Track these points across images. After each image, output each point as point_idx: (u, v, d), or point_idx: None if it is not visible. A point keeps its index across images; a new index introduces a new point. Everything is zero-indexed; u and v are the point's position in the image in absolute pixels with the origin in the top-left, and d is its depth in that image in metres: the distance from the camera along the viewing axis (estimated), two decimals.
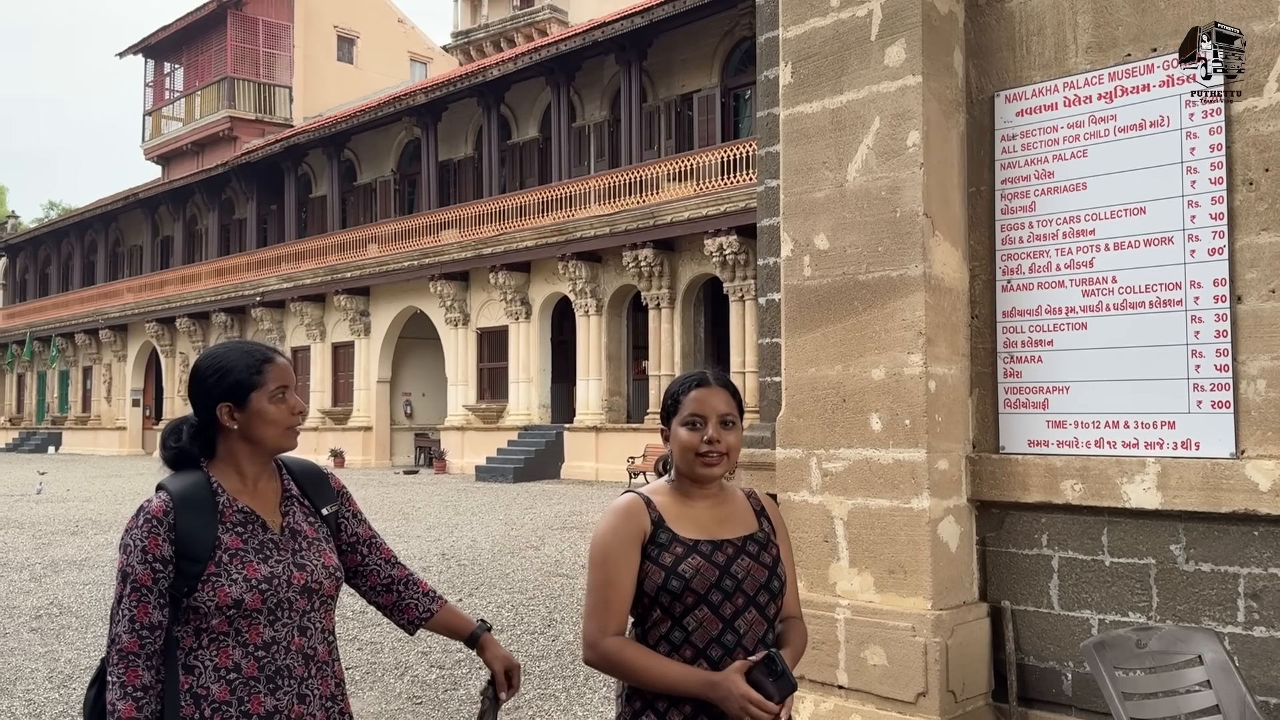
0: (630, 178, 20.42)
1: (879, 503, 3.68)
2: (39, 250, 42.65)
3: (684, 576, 2.01)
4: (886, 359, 3.69)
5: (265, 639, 1.95)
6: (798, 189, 3.94)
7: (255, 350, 2.07)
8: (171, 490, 1.96)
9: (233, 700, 1.91)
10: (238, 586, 1.92)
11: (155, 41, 35.51)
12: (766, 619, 2.06)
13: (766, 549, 2.11)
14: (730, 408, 2.11)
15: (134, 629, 1.88)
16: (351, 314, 26.60)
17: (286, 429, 2.04)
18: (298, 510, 2.10)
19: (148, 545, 1.90)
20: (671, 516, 2.09)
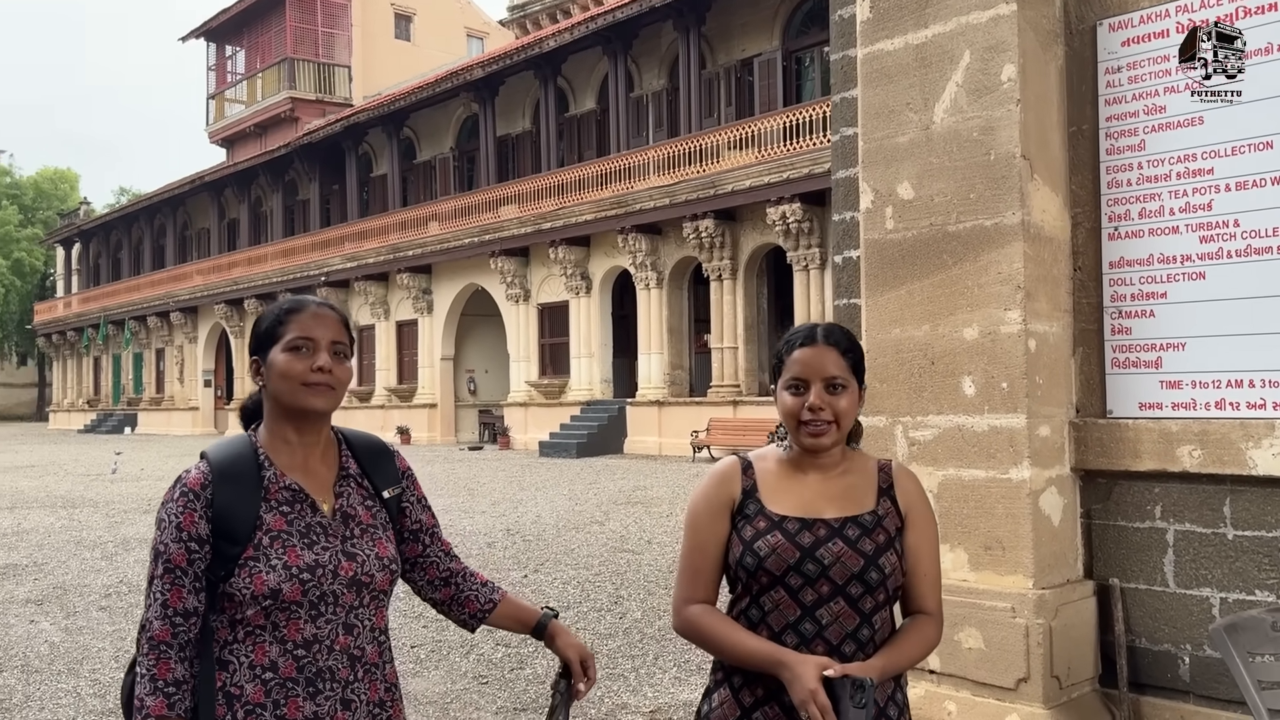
0: (690, 147, 20.06)
1: (973, 473, 3.39)
2: (110, 235, 43.59)
3: (758, 554, 1.84)
4: (980, 317, 3.39)
5: (306, 636, 1.73)
6: (878, 134, 3.64)
7: (289, 300, 1.86)
8: (212, 459, 1.76)
9: (267, 703, 1.70)
10: (276, 574, 1.70)
11: (216, 25, 35.90)
12: (859, 613, 1.83)
13: (871, 534, 1.85)
14: (841, 369, 1.87)
15: (166, 615, 1.68)
16: (414, 292, 26.69)
17: (302, 385, 1.76)
18: (354, 492, 1.86)
19: (183, 522, 1.70)
20: (769, 486, 1.91)
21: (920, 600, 1.93)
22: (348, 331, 1.86)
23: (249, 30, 35.77)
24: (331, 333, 1.81)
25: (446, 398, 26.78)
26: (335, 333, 1.82)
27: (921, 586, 1.92)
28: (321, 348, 1.79)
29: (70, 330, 44.35)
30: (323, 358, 1.78)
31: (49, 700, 4.82)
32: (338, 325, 1.83)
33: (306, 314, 1.81)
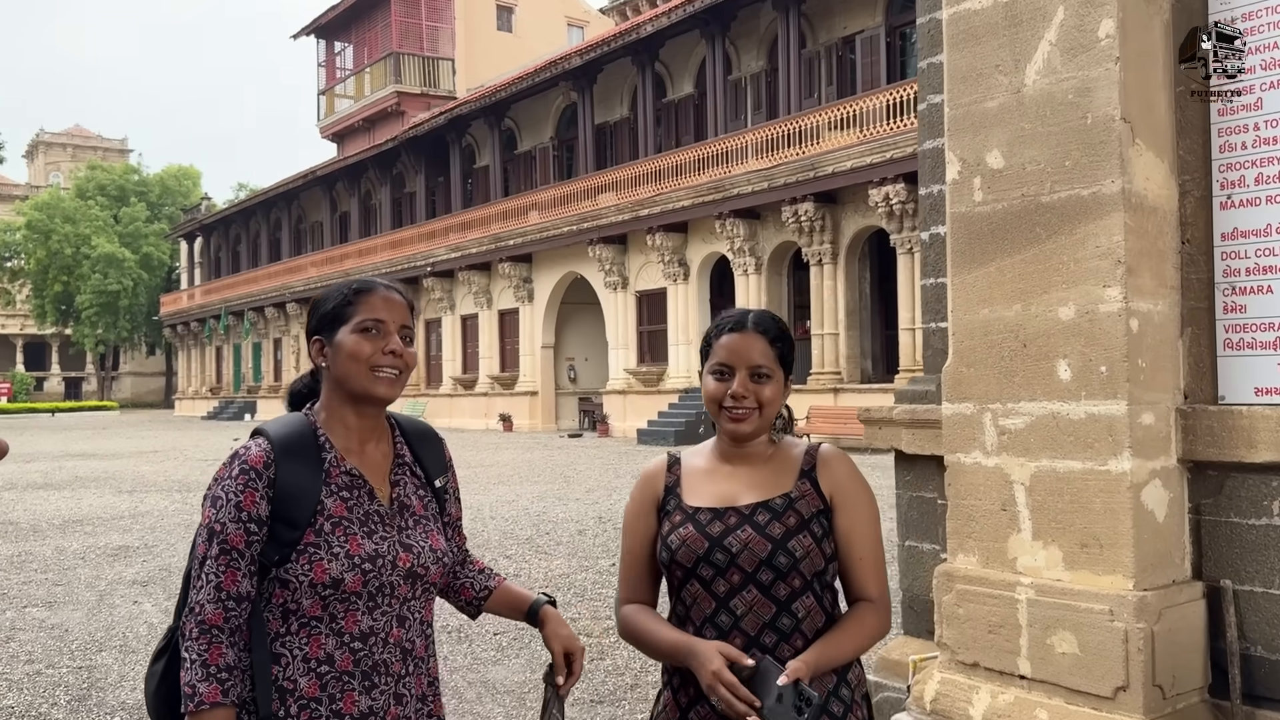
0: (789, 128, 19.69)
1: (1069, 465, 3.14)
2: (230, 229, 45.32)
3: (670, 547, 1.83)
4: (1077, 294, 3.13)
5: (363, 628, 1.66)
6: (965, 99, 3.39)
7: (356, 280, 1.79)
8: (274, 438, 1.67)
9: (323, 697, 1.63)
10: (339, 563, 1.63)
11: (325, 21, 36.87)
12: (774, 600, 1.78)
13: (781, 517, 1.81)
14: (767, 358, 1.85)
15: (220, 598, 1.60)
16: (515, 281, 26.97)
17: (371, 369, 1.69)
18: (409, 481, 1.80)
19: (243, 501, 1.62)
20: (693, 480, 1.90)
21: (859, 587, 1.87)
22: (412, 315, 1.81)
23: (356, 26, 36.63)
24: (400, 317, 1.76)
25: (547, 385, 27.00)
26: (403, 316, 1.76)
27: (858, 571, 1.86)
28: (392, 330, 1.73)
29: (194, 321, 46.34)
30: (394, 340, 1.72)
31: (141, 681, 4.93)
32: (405, 309, 1.78)
33: (377, 296, 1.74)
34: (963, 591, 3.31)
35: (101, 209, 54.79)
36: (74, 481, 15.32)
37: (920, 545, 4.01)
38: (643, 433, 21.14)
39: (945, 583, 3.37)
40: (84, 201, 54.85)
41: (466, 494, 12.47)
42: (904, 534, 4.01)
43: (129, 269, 53.16)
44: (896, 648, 3.98)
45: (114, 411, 51.08)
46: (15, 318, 63.92)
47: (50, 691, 4.74)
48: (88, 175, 57.56)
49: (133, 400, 62.31)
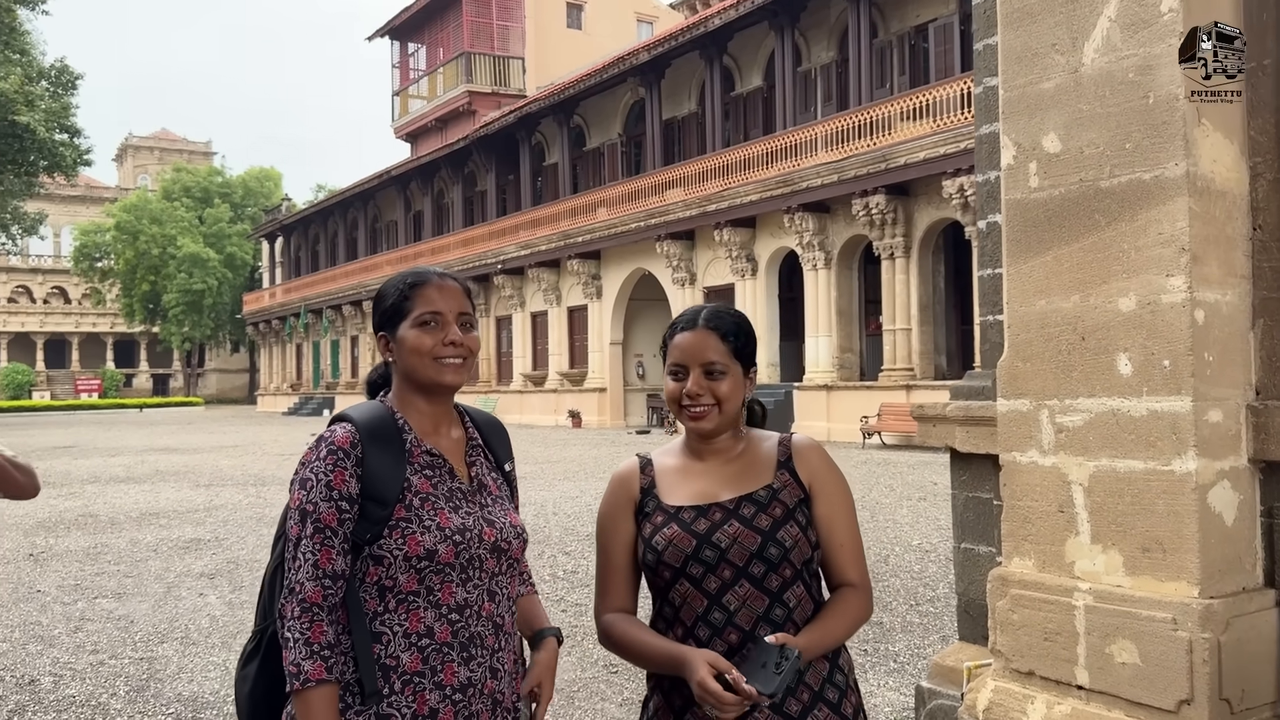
0: (860, 119, 19.37)
1: (1130, 465, 2.97)
2: (309, 229, 46.31)
3: (656, 548, 1.82)
4: (1138, 284, 2.96)
5: (459, 600, 1.70)
6: (1020, 81, 3.24)
7: (411, 273, 1.83)
8: (356, 420, 1.72)
9: (425, 670, 1.66)
10: (431, 535, 1.67)
11: (399, 23, 37.42)
12: (767, 593, 1.79)
13: (767, 509, 1.81)
14: (720, 354, 1.85)
15: (318, 576, 1.63)
16: (584, 277, 27.04)
17: (434, 359, 1.74)
18: (483, 462, 1.85)
19: (333, 480, 1.66)
20: (668, 480, 1.89)
21: (841, 572, 1.88)
22: (470, 301, 1.84)
23: (429, 27, 37.11)
24: (457, 304, 1.79)
25: (615, 382, 27.03)
26: (461, 304, 1.80)
27: (840, 558, 1.88)
28: (450, 320, 1.77)
29: (275, 319, 47.49)
30: (453, 331, 1.76)
31: (199, 673, 5.02)
32: (462, 296, 1.81)
33: (431, 287, 1.78)
34: (1018, 596, 3.16)
35: (186, 210, 56.46)
36: (154, 475, 15.78)
37: (976, 548, 3.86)
38: None
39: (1000, 587, 3.23)
40: (170, 203, 56.59)
41: (531, 490, 12.54)
42: (959, 536, 3.87)
43: (213, 268, 54.66)
44: (951, 654, 3.84)
45: (199, 407, 52.66)
46: (106, 316, 66.27)
47: (111, 682, 4.84)
48: (173, 177, 59.36)
49: (217, 396, 64.14)
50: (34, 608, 6.45)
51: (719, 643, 1.78)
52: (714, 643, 1.78)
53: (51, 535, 9.56)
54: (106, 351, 67.75)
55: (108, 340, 67.90)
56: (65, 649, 5.44)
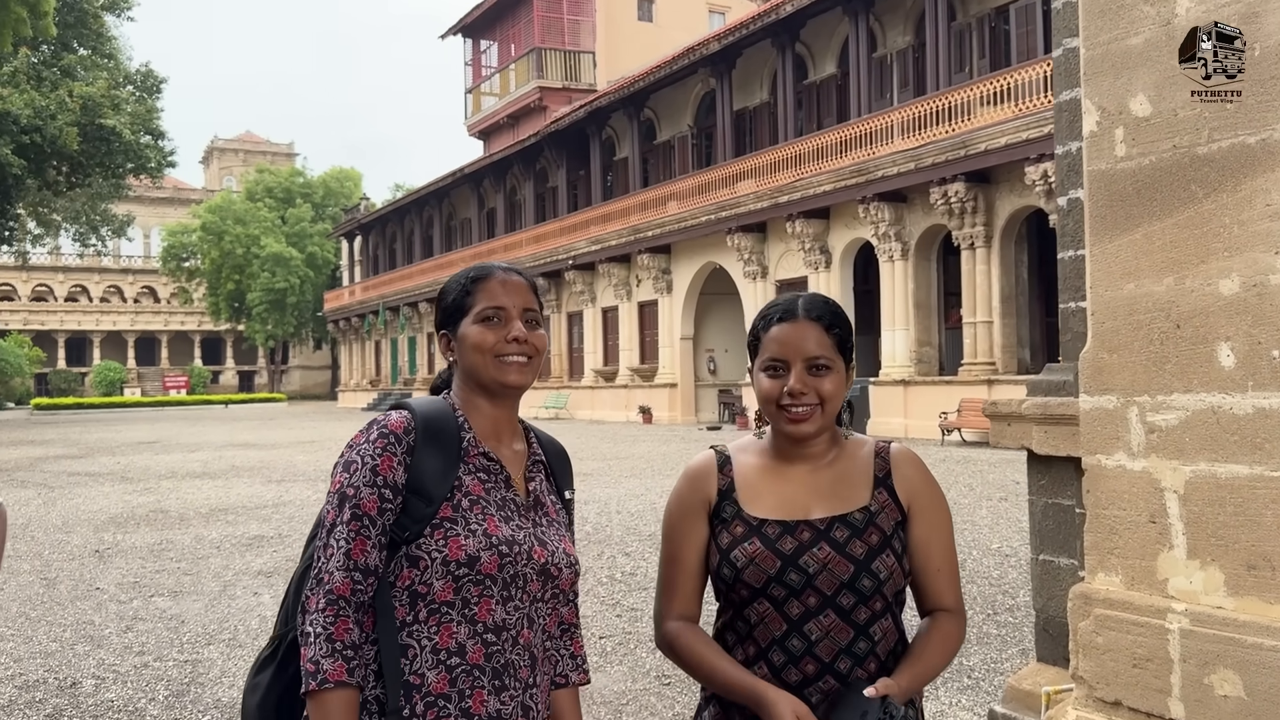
0: (938, 105, 18.76)
1: (1232, 470, 2.62)
2: (386, 228, 46.96)
3: (735, 564, 1.65)
4: (1241, 264, 2.60)
5: (497, 620, 1.53)
6: (1104, 37, 2.89)
7: (475, 267, 1.71)
8: (416, 409, 1.60)
9: (452, 694, 1.49)
10: (476, 540, 1.51)
11: (471, 20, 37.64)
12: (853, 625, 1.63)
13: (863, 535, 1.64)
14: (823, 348, 1.67)
15: (348, 567, 1.48)
16: (654, 272, 26.82)
17: (496, 357, 1.61)
18: (544, 481, 1.70)
19: (380, 465, 1.52)
20: (749, 484, 1.71)
21: (938, 597, 1.73)
22: (537, 297, 1.72)
23: (501, 24, 37.25)
24: (522, 299, 1.66)
25: (686, 377, 26.75)
26: (526, 299, 1.67)
27: (938, 582, 1.73)
28: (514, 316, 1.64)
29: (354, 316, 48.28)
30: (516, 327, 1.63)
31: (240, 677, 4.90)
32: (527, 291, 1.69)
33: (494, 281, 1.66)
34: (1102, 617, 2.82)
35: (269, 210, 57.75)
36: (229, 471, 16.01)
37: (1057, 560, 3.50)
38: None
39: (1082, 606, 2.88)
40: (253, 204, 57.95)
41: (596, 487, 12.34)
42: (1038, 546, 3.51)
43: (295, 267, 55.81)
44: (1028, 676, 3.50)
45: (282, 403, 53.89)
46: (194, 315, 68.25)
47: (151, 686, 4.75)
48: (256, 179, 60.78)
49: (300, 392, 65.57)
50: (90, 606, 6.45)
51: (794, 671, 1.63)
52: (788, 671, 1.63)
53: (121, 531, 9.66)
54: (194, 349, 69.79)
55: (195, 338, 69.93)
56: (113, 650, 5.38)
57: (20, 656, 5.27)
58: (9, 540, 9.14)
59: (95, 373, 61.97)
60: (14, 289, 68.08)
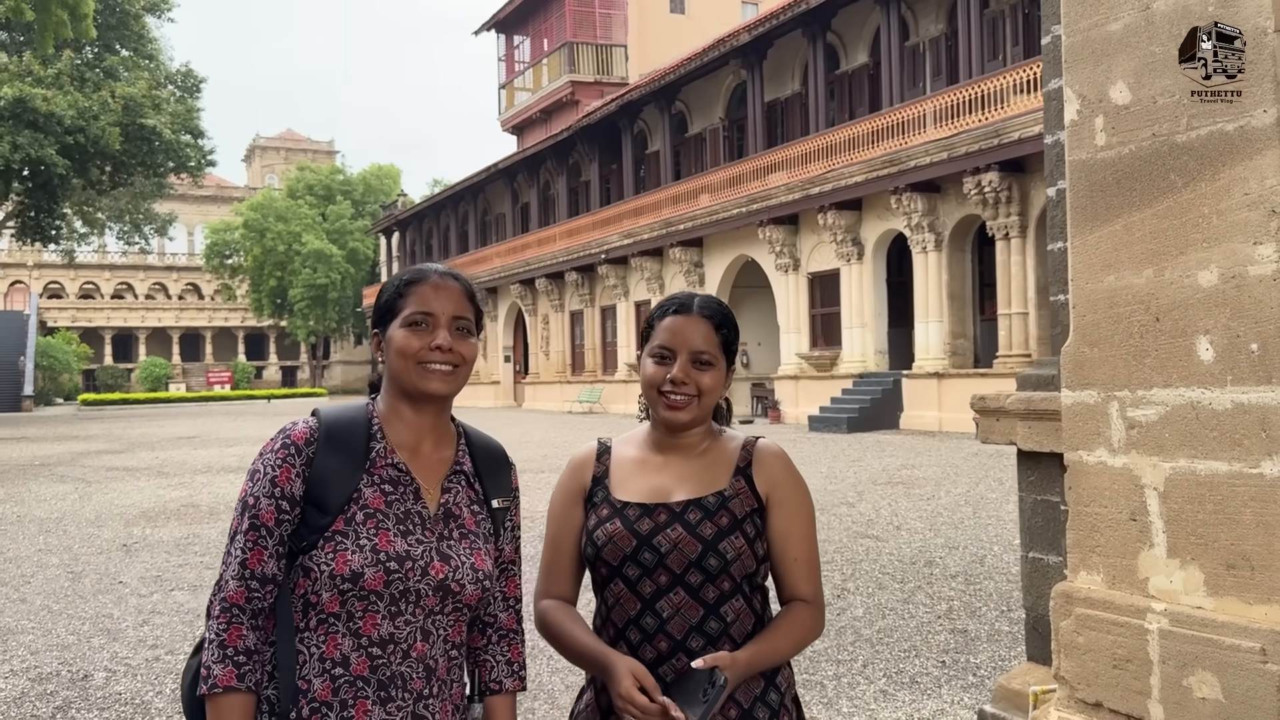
0: (971, 94, 18.49)
1: (1211, 466, 2.56)
2: (423, 224, 47.29)
3: (596, 543, 1.76)
4: (1220, 255, 2.54)
5: (382, 634, 1.54)
6: (1084, 23, 2.83)
7: (410, 270, 1.71)
8: (323, 418, 1.62)
9: (334, 703, 1.52)
10: (362, 555, 1.52)
11: (504, 16, 37.76)
12: (702, 604, 1.71)
13: (714, 517, 1.73)
14: (709, 344, 1.77)
15: (244, 576, 1.52)
16: (686, 265, 26.76)
17: (419, 364, 1.60)
18: (463, 491, 1.68)
19: (278, 476, 1.55)
20: (623, 471, 1.81)
21: (794, 587, 1.80)
22: (473, 305, 1.70)
23: (533, 19, 37.31)
24: (454, 307, 1.65)
25: None
26: (458, 307, 1.66)
27: (794, 572, 1.80)
28: (441, 323, 1.63)
29: None
30: (442, 335, 1.62)
31: None
32: (461, 298, 1.67)
33: (427, 286, 1.65)
34: (1083, 617, 2.77)
35: (310, 207, 58.36)
36: None
37: (1046, 558, 3.44)
38: (814, 419, 20.48)
39: (1064, 605, 2.84)
40: (294, 201, 58.59)
41: None
42: (1028, 544, 3.46)
43: (336, 264, 56.38)
44: (1018, 676, 3.44)
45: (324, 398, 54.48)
46: (237, 311, 69.20)
47: (160, 680, 4.82)
48: (297, 176, 61.44)
49: (342, 387, 66.28)
50: (111, 600, 6.56)
51: (649, 649, 1.71)
52: (644, 648, 1.71)
53: (150, 525, 9.82)
54: (238, 345, 70.80)
55: (239, 334, 70.93)
56: (127, 643, 5.47)
57: (37, 649, 5.38)
58: (40, 535, 9.33)
59: (141, 368, 63.08)
60: (62, 287, 69.49)
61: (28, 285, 66.01)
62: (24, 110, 28.38)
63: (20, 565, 7.84)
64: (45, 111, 28.46)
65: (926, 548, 7.72)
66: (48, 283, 68.44)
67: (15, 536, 9.25)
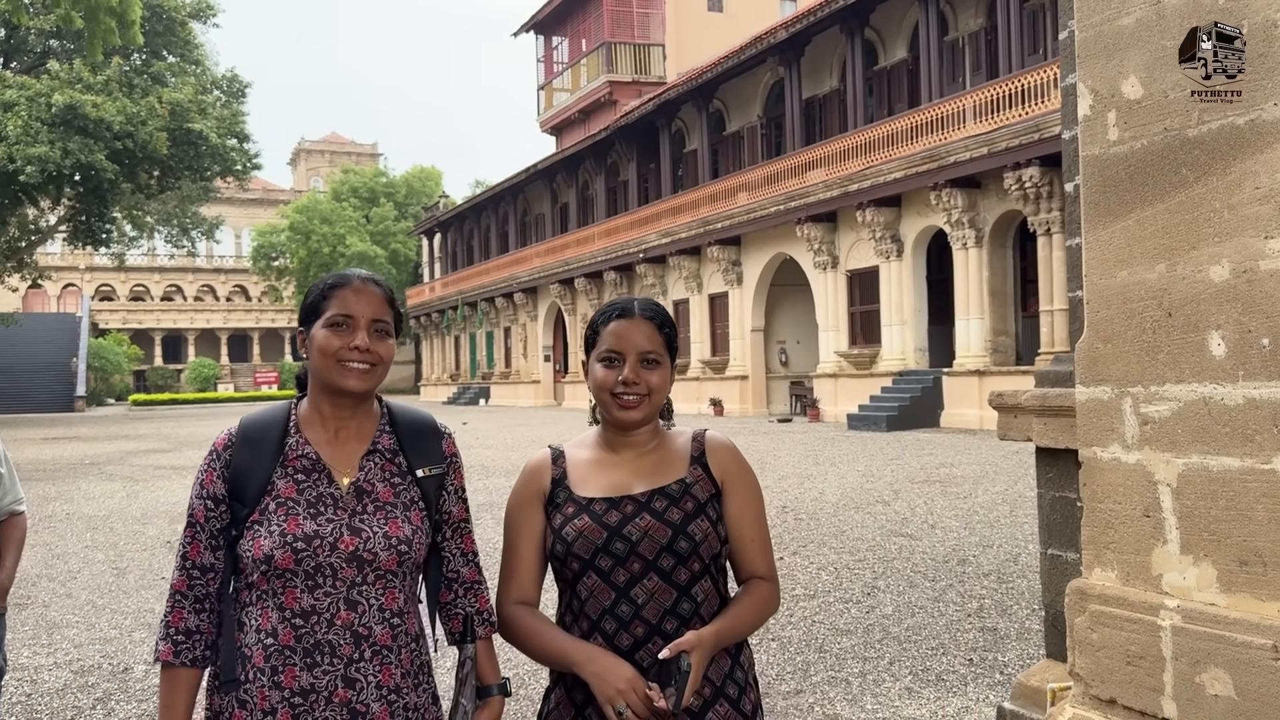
0: (1011, 88, 18.28)
1: (1223, 462, 2.54)
2: (464, 225, 47.68)
3: (566, 539, 1.82)
4: (1231, 249, 2.52)
5: (303, 606, 1.71)
6: (1096, 17, 2.82)
7: (334, 275, 1.86)
8: (243, 423, 1.83)
9: (265, 669, 1.70)
10: (271, 540, 1.70)
11: (543, 17, 37.92)
12: (675, 586, 1.79)
13: (679, 503, 1.82)
14: (655, 344, 1.86)
15: (185, 567, 1.75)
16: (724, 264, 26.71)
17: (337, 362, 1.76)
18: (378, 468, 1.82)
19: (204, 479, 1.78)
20: (580, 472, 1.89)
21: (751, 566, 1.90)
22: (392, 308, 1.84)
23: (571, 19, 37.44)
24: (372, 310, 1.80)
25: (757, 369, 26.60)
26: (376, 310, 1.80)
27: (750, 552, 1.90)
28: (360, 325, 1.78)
29: (435, 312, 49.15)
30: (360, 336, 1.77)
31: None
32: (380, 302, 1.82)
33: (349, 290, 1.80)
34: (1097, 613, 2.76)
35: (354, 210, 59.03)
36: None
37: (1064, 554, 3.43)
38: (853, 418, 20.36)
39: (1078, 601, 2.83)
40: (339, 203, 59.30)
41: None
42: (1046, 540, 3.44)
43: (379, 265, 56.97)
44: (1037, 673, 3.43)
45: None
46: (284, 312, 70.15)
47: None
48: (341, 179, 62.17)
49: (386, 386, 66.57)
50: (153, 595, 6.72)
51: (625, 636, 1.77)
52: (620, 637, 1.77)
53: None
54: (284, 345, 71.76)
55: (285, 335, 71.89)
56: None
57: (81, 643, 5.53)
58: (88, 531, 9.56)
59: (190, 369, 64.19)
60: (113, 289, 70.92)
61: (80, 288, 67.49)
62: (74, 117, 29.01)
63: (68, 561, 8.05)
64: (95, 118, 29.07)
65: (960, 546, 7.67)
66: (99, 285, 69.90)
67: (64, 533, 9.49)
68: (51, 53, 34.71)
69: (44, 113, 28.89)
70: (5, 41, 33.54)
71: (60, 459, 18.24)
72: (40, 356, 48.65)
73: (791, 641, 5.20)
